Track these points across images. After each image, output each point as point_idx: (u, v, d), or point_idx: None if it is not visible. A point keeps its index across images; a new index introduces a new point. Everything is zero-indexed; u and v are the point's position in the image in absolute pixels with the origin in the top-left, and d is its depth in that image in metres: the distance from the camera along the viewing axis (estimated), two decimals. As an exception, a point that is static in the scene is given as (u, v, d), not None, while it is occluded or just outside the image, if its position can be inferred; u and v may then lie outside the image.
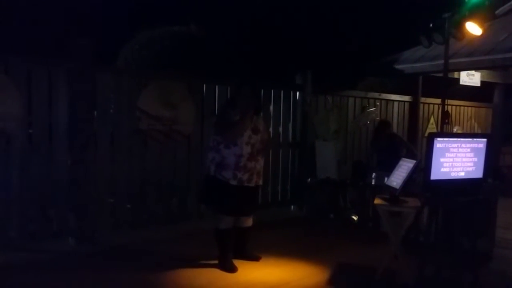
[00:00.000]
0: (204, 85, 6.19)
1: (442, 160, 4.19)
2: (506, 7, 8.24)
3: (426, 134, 8.38)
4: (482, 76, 8.73)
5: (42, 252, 4.79)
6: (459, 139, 4.43)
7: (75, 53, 5.09)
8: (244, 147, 4.35)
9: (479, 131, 10.31)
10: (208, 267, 4.54)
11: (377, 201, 4.40)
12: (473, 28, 5.56)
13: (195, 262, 4.65)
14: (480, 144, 4.37)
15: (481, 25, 5.47)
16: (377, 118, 8.36)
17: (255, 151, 4.44)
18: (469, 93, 9.68)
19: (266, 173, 4.81)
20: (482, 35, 5.77)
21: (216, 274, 4.39)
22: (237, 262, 4.56)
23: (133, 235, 5.44)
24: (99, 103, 5.32)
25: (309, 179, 7.15)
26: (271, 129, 6.94)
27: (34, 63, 4.91)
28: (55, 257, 4.71)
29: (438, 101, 8.26)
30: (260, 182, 4.63)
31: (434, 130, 9.00)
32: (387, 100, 8.64)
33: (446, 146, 4.21)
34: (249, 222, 4.71)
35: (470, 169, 4.34)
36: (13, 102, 4.70)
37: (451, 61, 6.16)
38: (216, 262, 4.57)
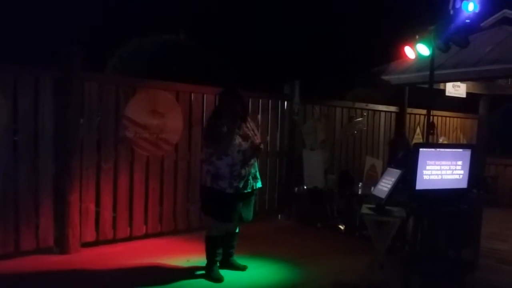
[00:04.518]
0: (192, 94, 6.20)
1: (427, 170, 4.23)
2: (491, 19, 8.40)
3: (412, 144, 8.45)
4: (467, 88, 8.84)
5: (26, 262, 4.74)
6: (444, 149, 4.48)
7: (63, 60, 5.07)
8: (235, 156, 4.37)
9: (464, 142, 10.42)
10: (195, 277, 4.52)
11: (363, 210, 4.42)
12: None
13: (181, 272, 4.63)
14: (465, 154, 4.43)
15: (465, 38, 5.54)
16: (364, 128, 8.42)
17: (248, 157, 4.46)
18: (454, 104, 9.79)
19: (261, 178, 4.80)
20: (467, 47, 5.85)
21: (202, 284, 4.37)
22: (223, 272, 4.55)
23: (118, 245, 5.40)
24: (86, 111, 5.29)
25: (296, 188, 7.17)
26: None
27: (21, 70, 4.87)
28: (39, 267, 4.65)
29: (424, 111, 8.34)
30: (258, 185, 4.65)
31: (420, 141, 9.08)
32: (374, 111, 8.72)
33: (432, 156, 4.25)
34: (236, 227, 4.72)
35: (455, 179, 4.39)
36: (-1, 109, 4.67)
37: (437, 72, 6.23)
38: (202, 272, 4.56)
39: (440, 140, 9.74)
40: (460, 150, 4.49)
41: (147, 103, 5.70)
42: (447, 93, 8.58)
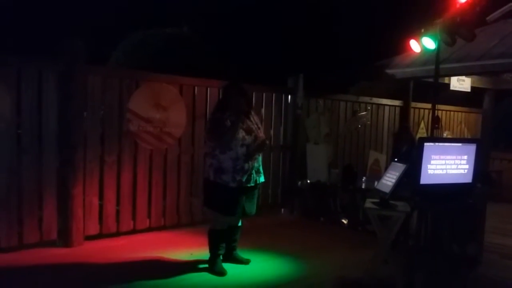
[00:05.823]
0: (196, 87, 6.18)
1: (432, 164, 4.21)
2: (497, 13, 8.31)
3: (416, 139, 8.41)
4: (472, 82, 8.79)
5: (29, 254, 4.75)
6: (449, 144, 4.45)
7: (66, 54, 5.05)
8: (239, 150, 4.36)
9: (469, 136, 10.38)
10: (198, 270, 4.53)
11: (367, 204, 4.40)
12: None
13: (184, 266, 4.63)
14: (470, 149, 4.39)
15: (471, 31, 5.49)
16: (368, 122, 8.40)
17: (251, 151, 4.44)
18: (459, 98, 9.74)
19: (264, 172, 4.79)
20: (473, 41, 5.80)
21: (205, 278, 4.37)
22: (226, 266, 4.56)
23: (122, 238, 5.41)
24: (90, 104, 5.29)
25: (299, 183, 7.15)
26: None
27: (25, 63, 4.85)
28: (42, 260, 4.66)
29: (429, 106, 8.30)
30: (262, 179, 4.64)
31: (424, 135, 9.05)
32: (378, 105, 8.69)
33: (436, 150, 4.23)
34: (239, 221, 4.72)
35: (460, 174, 4.36)
36: (2, 103, 4.66)
37: (441, 66, 6.18)
38: (206, 265, 4.56)
39: (445, 135, 9.71)
40: (465, 144, 4.46)
41: (150, 96, 5.69)
42: (451, 87, 8.53)
